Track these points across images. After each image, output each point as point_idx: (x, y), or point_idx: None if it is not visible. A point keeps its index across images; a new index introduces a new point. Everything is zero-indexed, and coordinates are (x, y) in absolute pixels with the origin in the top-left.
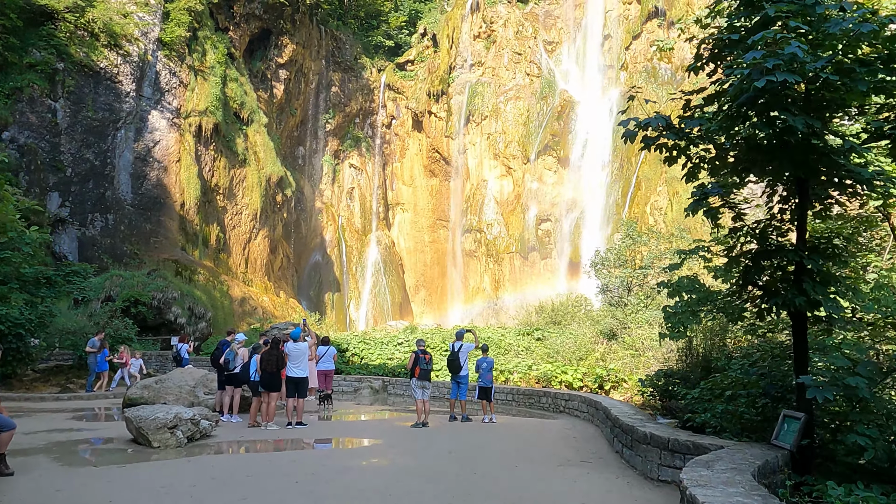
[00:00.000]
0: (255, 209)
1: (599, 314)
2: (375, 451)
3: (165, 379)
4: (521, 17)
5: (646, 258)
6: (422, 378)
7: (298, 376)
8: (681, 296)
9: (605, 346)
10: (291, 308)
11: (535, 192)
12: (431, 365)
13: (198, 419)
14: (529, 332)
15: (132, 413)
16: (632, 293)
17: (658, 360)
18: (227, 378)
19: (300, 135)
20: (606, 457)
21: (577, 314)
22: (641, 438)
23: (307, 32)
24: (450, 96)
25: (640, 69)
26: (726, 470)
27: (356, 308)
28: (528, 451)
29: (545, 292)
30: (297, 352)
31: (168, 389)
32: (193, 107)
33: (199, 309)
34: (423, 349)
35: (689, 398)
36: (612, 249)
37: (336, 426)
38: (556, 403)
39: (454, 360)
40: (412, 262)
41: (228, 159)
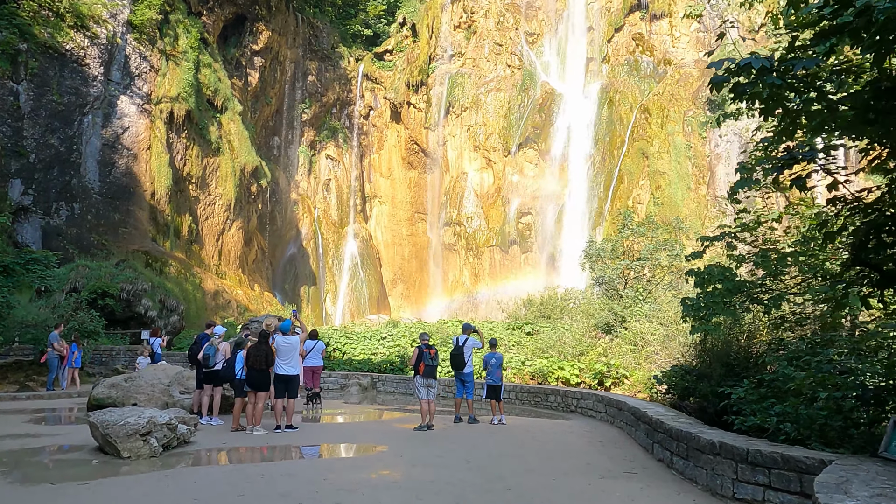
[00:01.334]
0: (228, 199)
1: (594, 307)
2: (383, 460)
3: (136, 377)
4: (502, 8)
5: (644, 249)
6: (427, 376)
7: (289, 374)
8: (707, 286)
9: (607, 341)
10: (266, 302)
11: (516, 184)
12: (437, 361)
13: (175, 424)
14: (519, 327)
15: (98, 418)
16: (628, 285)
17: (666, 355)
18: (206, 376)
19: (275, 124)
20: (651, 467)
21: (566, 308)
22: (706, 448)
23: (283, 19)
24: (429, 87)
25: (623, 62)
26: (872, 497)
27: (333, 302)
28: (555, 459)
29: (526, 286)
30: (288, 346)
31: (139, 388)
32: (165, 93)
33: (171, 302)
34: (427, 343)
35: (733, 398)
36: (609, 240)
37: (330, 429)
38: (565, 402)
39: (458, 355)
40: (390, 256)
41: (201, 148)
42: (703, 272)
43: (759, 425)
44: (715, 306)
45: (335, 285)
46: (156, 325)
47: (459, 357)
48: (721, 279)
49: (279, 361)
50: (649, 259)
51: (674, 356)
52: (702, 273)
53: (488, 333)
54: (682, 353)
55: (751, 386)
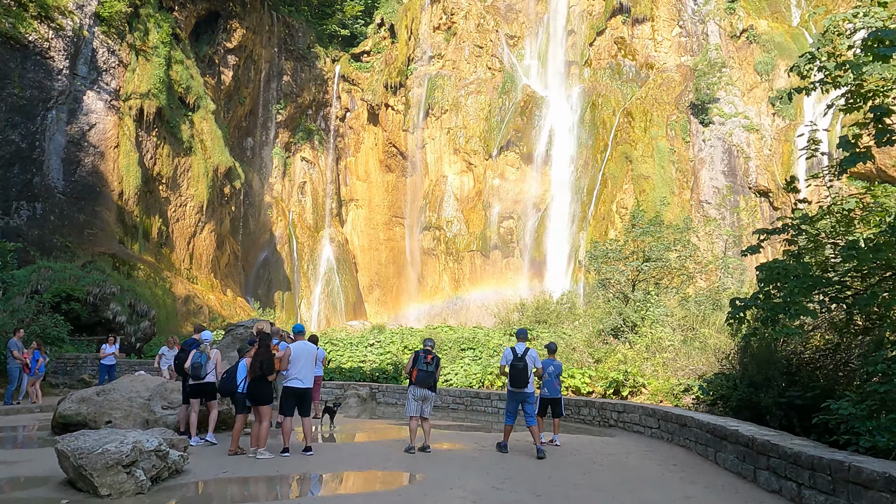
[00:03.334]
0: (200, 201)
1: (601, 311)
2: (430, 495)
3: (110, 389)
4: (482, 10)
5: (655, 249)
6: (419, 384)
7: (302, 387)
8: (780, 282)
9: (626, 348)
10: (239, 307)
11: (497, 188)
12: (436, 368)
13: (165, 450)
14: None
15: (69, 444)
16: (637, 288)
17: (686, 362)
18: (193, 389)
19: (249, 125)
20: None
21: (561, 312)
22: (883, 485)
23: (258, 17)
24: (408, 89)
25: (605, 65)
26: None
27: (308, 308)
28: (640, 489)
29: (508, 291)
30: (303, 353)
31: (114, 403)
32: (134, 89)
33: (142, 306)
34: (428, 348)
35: (842, 413)
36: (613, 241)
37: (349, 451)
38: (602, 415)
39: (522, 368)
40: (366, 261)
41: (172, 147)
42: (776, 267)
43: (874, 445)
44: (794, 306)
45: (310, 290)
46: (125, 331)
47: (524, 371)
48: (796, 276)
49: (291, 371)
50: (658, 260)
51: (696, 363)
52: (774, 268)
53: (484, 339)
54: (706, 360)
55: (857, 399)
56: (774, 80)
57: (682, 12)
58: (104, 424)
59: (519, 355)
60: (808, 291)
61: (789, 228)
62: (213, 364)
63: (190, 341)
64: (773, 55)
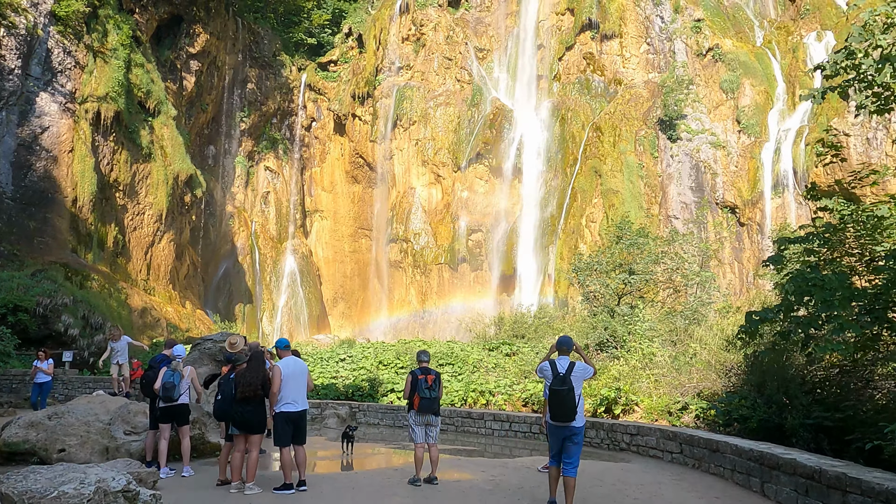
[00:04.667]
0: (160, 209)
1: (586, 325)
2: None
3: (64, 412)
4: (451, 23)
5: (642, 261)
6: (423, 411)
7: (296, 411)
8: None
9: (621, 364)
10: (199, 320)
11: (466, 201)
12: (439, 390)
13: (134, 489)
14: (495, 347)
15: (15, 486)
16: (622, 301)
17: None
18: (164, 412)
19: (211, 133)
20: None
21: (539, 326)
22: None
23: (222, 23)
24: (376, 99)
25: (574, 80)
26: None
27: (270, 321)
28: None
29: (476, 305)
30: (295, 372)
31: (69, 428)
32: (91, 91)
33: (96, 318)
34: (425, 367)
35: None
36: (598, 253)
37: (346, 484)
38: (612, 438)
39: (567, 392)
40: (331, 273)
41: (131, 152)
42: (812, 278)
43: None
44: (837, 320)
45: (272, 303)
46: (77, 344)
47: (569, 396)
48: (832, 288)
49: (283, 393)
50: (644, 273)
51: (692, 379)
52: (809, 279)
53: (462, 354)
54: (704, 376)
55: None
56: (739, 98)
57: (650, 30)
58: (57, 453)
59: (561, 374)
60: (847, 304)
61: (815, 238)
62: (188, 383)
63: (159, 357)
64: (739, 74)
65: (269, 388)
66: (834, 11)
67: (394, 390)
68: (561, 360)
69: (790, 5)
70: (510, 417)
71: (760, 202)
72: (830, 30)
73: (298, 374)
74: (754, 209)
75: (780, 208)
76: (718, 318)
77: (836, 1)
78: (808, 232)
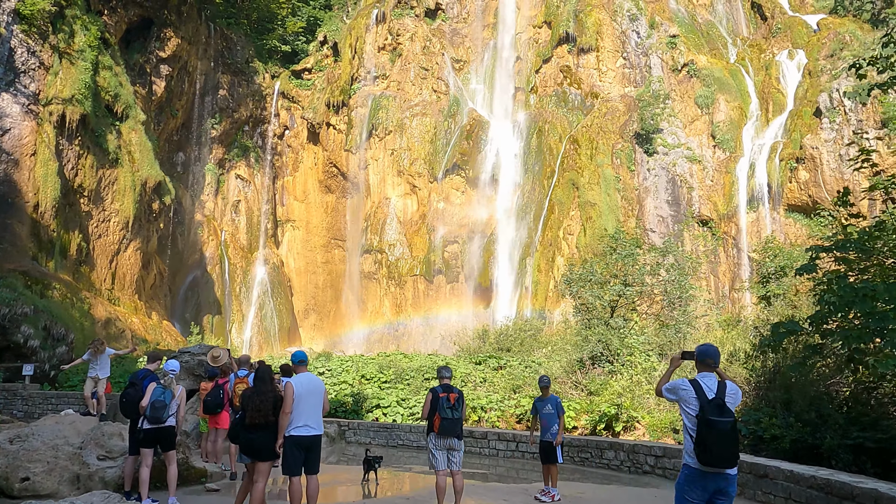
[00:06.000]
0: (126, 217)
1: (580, 338)
2: None
3: (28, 434)
4: (428, 33)
5: (637, 272)
6: (445, 433)
7: (310, 435)
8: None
9: (626, 380)
10: (165, 331)
11: (442, 212)
12: (462, 410)
13: None
14: (482, 361)
15: None
16: (616, 314)
17: None
18: (149, 434)
19: (181, 139)
20: None
21: (525, 339)
22: None
23: (194, 28)
24: (351, 108)
25: (551, 93)
26: None
27: (239, 333)
28: None
29: (452, 317)
30: (310, 391)
31: (34, 453)
32: (56, 93)
33: (59, 329)
34: (446, 384)
35: None
36: (592, 264)
37: None
38: (634, 460)
39: (731, 428)
40: (302, 284)
41: (97, 157)
42: (862, 288)
43: None
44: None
45: (242, 315)
46: (38, 357)
47: (733, 431)
48: (886, 298)
49: (295, 415)
50: (637, 285)
51: None
52: (859, 289)
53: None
54: None
55: None
56: (714, 114)
57: (626, 44)
58: (19, 483)
59: (714, 398)
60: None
61: (851, 246)
62: (177, 404)
63: (142, 373)
64: (713, 89)
65: (276, 411)
66: (804, 31)
67: (379, 406)
68: (705, 378)
69: (762, 24)
70: (516, 437)
71: (736, 216)
72: (802, 48)
73: (313, 392)
74: (730, 223)
75: (754, 223)
76: (703, 332)
77: (807, 20)
78: (840, 239)
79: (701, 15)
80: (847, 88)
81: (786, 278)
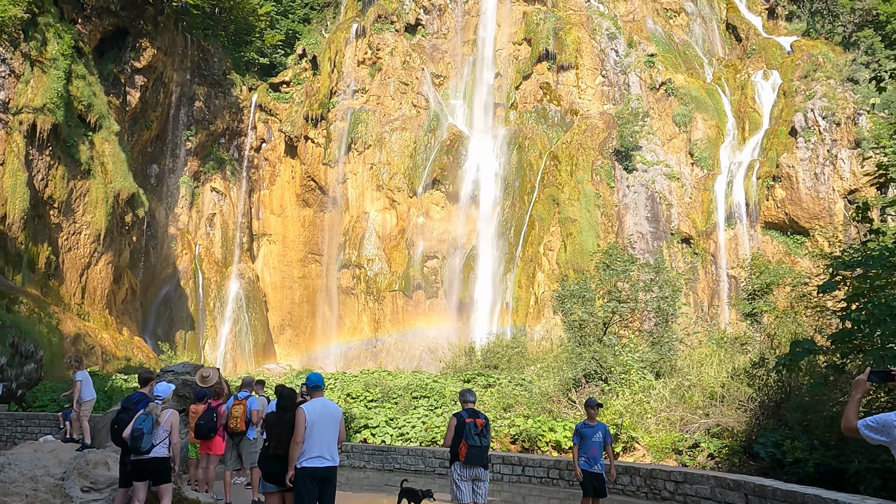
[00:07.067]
0: (98, 229)
1: (573, 356)
2: None
3: (4, 464)
4: (408, 48)
5: (631, 288)
6: (472, 462)
7: (324, 467)
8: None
9: (628, 398)
10: (136, 347)
11: (422, 227)
12: (488, 437)
13: None
14: (471, 378)
15: None
16: (609, 331)
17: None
18: (135, 466)
19: (155, 151)
20: None
21: (512, 357)
22: None
23: (171, 38)
24: (329, 122)
25: (531, 109)
26: None
27: (213, 349)
28: None
29: (432, 333)
30: (324, 418)
31: (10, 485)
32: (27, 102)
33: (27, 346)
34: (471, 408)
35: None
36: (584, 280)
37: None
38: (652, 486)
39: None
40: (278, 299)
41: (68, 168)
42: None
43: None
44: None
45: (216, 330)
46: (5, 375)
47: None
48: None
49: (308, 444)
50: (630, 301)
51: (700, 413)
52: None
53: (434, 385)
54: (714, 411)
55: None
56: (692, 132)
57: (605, 62)
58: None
59: None
60: None
61: (873, 261)
62: (165, 431)
63: (136, 397)
64: (691, 108)
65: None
66: (778, 52)
67: (367, 426)
68: None
69: (737, 45)
70: (522, 461)
71: (714, 233)
72: (776, 69)
73: (328, 420)
74: (708, 240)
75: (732, 240)
76: (689, 350)
77: (780, 42)
78: (863, 255)
79: (678, 35)
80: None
81: (770, 295)
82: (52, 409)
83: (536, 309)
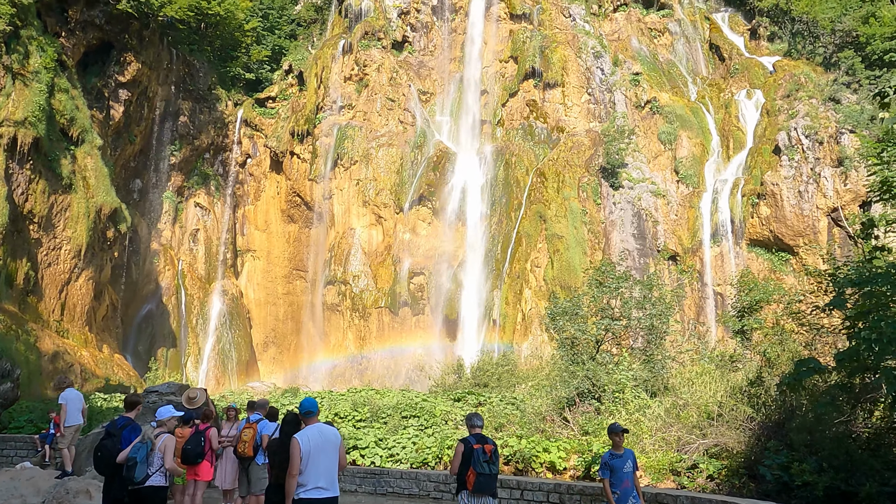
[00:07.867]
0: (79, 244)
1: (565, 374)
2: None
3: None
4: (395, 64)
5: (625, 305)
6: (480, 491)
7: (323, 498)
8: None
9: (624, 417)
10: (117, 365)
11: (408, 243)
12: (497, 464)
13: None
14: (462, 397)
15: None
16: (601, 349)
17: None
18: (131, 497)
19: (138, 165)
20: None
21: (503, 374)
22: None
23: (155, 53)
24: (316, 137)
25: (517, 126)
26: None
27: (195, 367)
28: None
29: (418, 350)
30: (322, 445)
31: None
32: (8, 115)
33: (3, 364)
34: (479, 433)
35: None
36: (577, 297)
37: None
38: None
39: None
40: (262, 316)
41: (49, 182)
42: None
43: None
44: None
45: (198, 347)
46: None
47: None
48: None
49: (307, 474)
50: (623, 319)
51: (697, 434)
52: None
53: (424, 404)
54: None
55: None
56: (677, 150)
57: (591, 80)
58: None
59: None
60: None
61: (880, 279)
62: (160, 458)
63: (121, 422)
64: (676, 126)
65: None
66: (761, 72)
67: (356, 447)
68: None
69: (720, 64)
70: (520, 484)
71: (700, 250)
72: (759, 88)
73: (326, 448)
74: (694, 257)
75: (718, 257)
76: (680, 368)
77: (763, 62)
78: (872, 273)
79: (662, 55)
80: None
81: (759, 312)
82: (28, 431)
83: (524, 326)
